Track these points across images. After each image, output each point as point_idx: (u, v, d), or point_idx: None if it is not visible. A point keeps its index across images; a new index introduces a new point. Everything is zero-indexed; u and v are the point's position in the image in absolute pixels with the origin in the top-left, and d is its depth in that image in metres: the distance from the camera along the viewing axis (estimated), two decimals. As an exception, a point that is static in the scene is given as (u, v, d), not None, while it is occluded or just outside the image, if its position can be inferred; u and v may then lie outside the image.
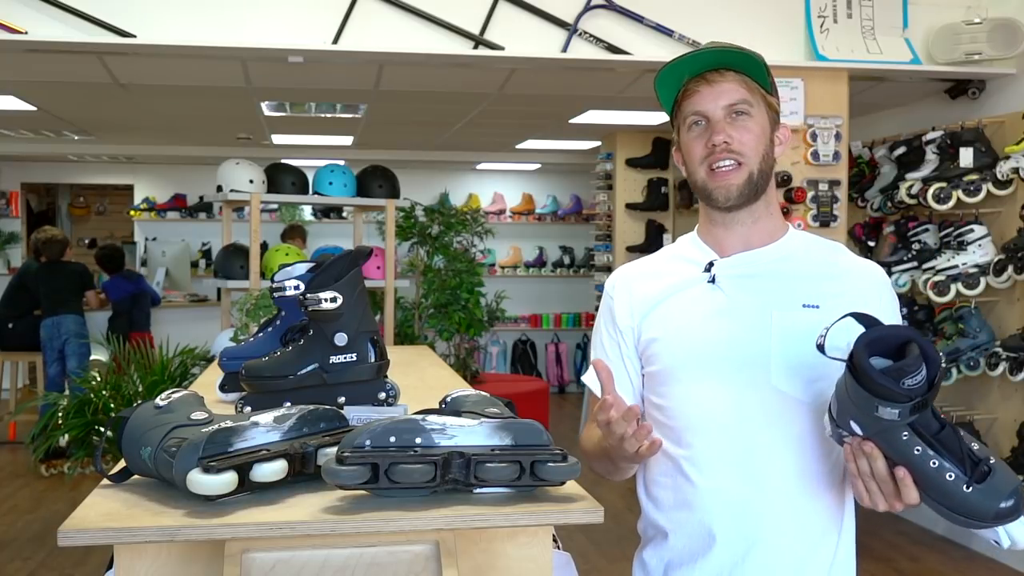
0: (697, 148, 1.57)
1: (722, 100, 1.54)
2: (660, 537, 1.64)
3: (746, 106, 1.55)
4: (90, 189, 12.18)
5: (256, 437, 1.32)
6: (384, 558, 1.24)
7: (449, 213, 7.04)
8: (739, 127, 1.54)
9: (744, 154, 1.54)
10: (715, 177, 1.55)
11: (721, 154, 1.54)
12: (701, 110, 1.55)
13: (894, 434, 1.30)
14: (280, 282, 1.98)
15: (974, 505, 1.29)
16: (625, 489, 1.76)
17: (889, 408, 1.27)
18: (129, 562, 1.24)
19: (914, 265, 4.86)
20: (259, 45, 4.19)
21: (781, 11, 4.52)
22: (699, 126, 1.56)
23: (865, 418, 1.30)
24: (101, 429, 3.91)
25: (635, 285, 1.68)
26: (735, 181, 1.55)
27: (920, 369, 1.26)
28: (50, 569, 4.61)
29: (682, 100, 1.58)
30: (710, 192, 1.57)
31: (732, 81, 1.55)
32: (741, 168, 1.55)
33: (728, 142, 1.53)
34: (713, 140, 1.54)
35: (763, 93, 1.58)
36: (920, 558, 4.88)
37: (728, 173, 1.54)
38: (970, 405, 4.89)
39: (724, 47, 1.56)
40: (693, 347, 1.57)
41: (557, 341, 10.47)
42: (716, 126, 1.54)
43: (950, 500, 1.30)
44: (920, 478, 1.31)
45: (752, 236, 1.60)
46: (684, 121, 1.58)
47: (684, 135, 1.59)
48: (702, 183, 1.58)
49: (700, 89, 1.55)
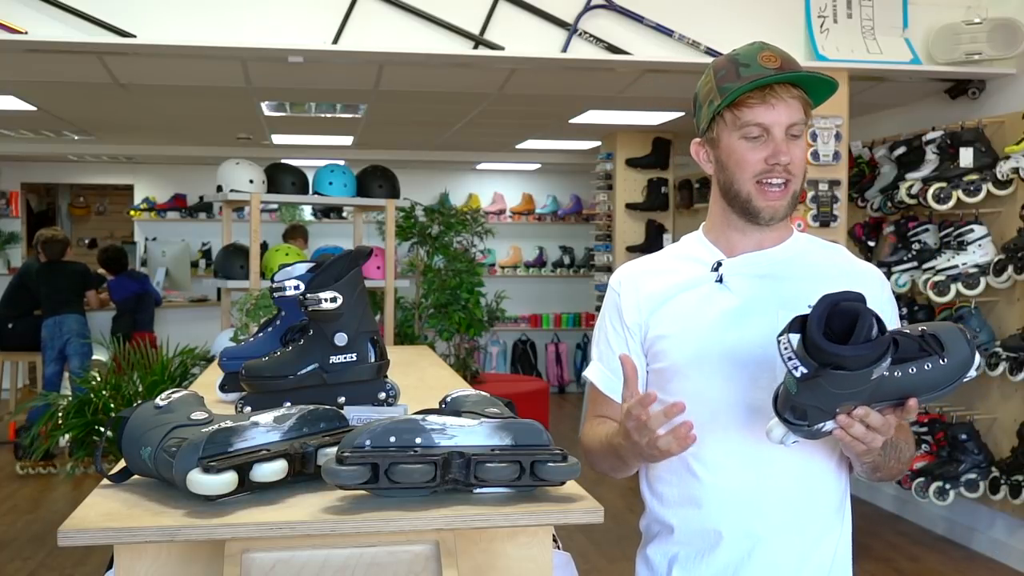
0: (752, 160, 1.56)
1: (785, 119, 1.55)
2: (665, 533, 1.65)
3: (800, 128, 1.57)
4: (90, 189, 12.18)
5: (256, 437, 1.32)
6: (384, 558, 1.24)
7: (449, 213, 7.04)
8: (794, 147, 1.56)
9: (795, 175, 1.57)
10: (765, 196, 1.57)
11: (780, 173, 1.55)
12: (765, 123, 1.54)
13: (884, 381, 1.34)
14: (280, 282, 1.98)
15: (956, 366, 1.38)
16: (625, 489, 1.76)
17: (882, 364, 1.31)
18: (129, 562, 1.24)
19: (914, 265, 4.86)
20: (259, 45, 4.18)
21: (781, 11, 4.52)
22: (758, 139, 1.56)
23: (859, 392, 1.33)
24: (101, 429, 3.91)
25: (642, 282, 1.69)
26: (783, 203, 1.58)
27: (868, 319, 1.30)
28: (50, 569, 4.61)
29: (740, 105, 1.55)
30: (757, 209, 1.58)
31: (798, 100, 1.56)
32: (787, 188, 1.57)
33: (788, 163, 1.55)
34: (779, 159, 1.54)
35: (810, 113, 1.60)
36: (920, 558, 4.88)
37: (778, 195, 1.57)
38: (970, 405, 4.89)
39: (795, 70, 1.55)
40: (701, 345, 1.58)
41: (557, 341, 10.47)
42: (780, 145, 1.55)
43: (941, 382, 1.38)
44: (913, 391, 1.37)
45: (764, 239, 1.63)
46: (740, 127, 1.56)
47: (735, 141, 1.57)
48: (747, 195, 1.58)
49: (770, 102, 1.54)
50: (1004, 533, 4.78)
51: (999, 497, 4.60)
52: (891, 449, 1.52)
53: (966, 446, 4.72)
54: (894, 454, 1.54)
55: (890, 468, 1.56)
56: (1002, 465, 4.62)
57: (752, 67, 1.54)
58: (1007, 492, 4.54)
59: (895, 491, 5.55)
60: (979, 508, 4.88)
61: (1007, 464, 4.59)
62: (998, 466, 4.65)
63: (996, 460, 4.70)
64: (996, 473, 4.63)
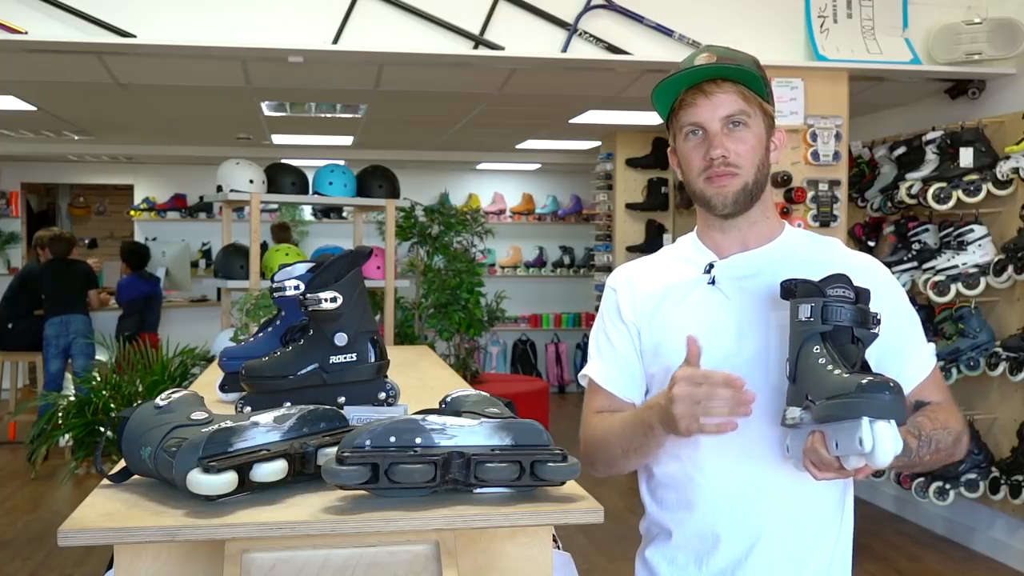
0: (695, 159, 1.58)
1: (719, 112, 1.55)
2: (663, 536, 1.66)
3: (743, 116, 1.56)
4: (90, 189, 12.18)
5: (256, 437, 1.32)
6: (384, 558, 1.24)
7: (449, 213, 7.04)
8: (735, 138, 1.55)
9: (741, 166, 1.56)
10: (712, 185, 1.57)
11: (719, 167, 1.55)
12: (698, 121, 1.56)
13: (808, 344, 1.39)
14: (280, 282, 1.98)
15: (844, 381, 1.30)
16: (625, 489, 1.76)
17: (804, 306, 1.40)
18: (129, 562, 1.24)
19: (914, 265, 4.86)
20: (259, 45, 4.18)
21: (781, 11, 4.52)
22: (696, 136, 1.57)
23: (794, 338, 1.42)
24: (101, 429, 3.91)
25: (637, 282, 1.69)
26: (731, 189, 1.56)
27: (847, 290, 1.41)
28: (50, 569, 4.61)
29: (679, 109, 1.59)
30: (708, 200, 1.59)
31: (729, 92, 1.55)
32: (737, 178, 1.56)
33: (725, 155, 1.54)
34: (711, 154, 1.55)
35: (760, 101, 1.58)
36: (920, 558, 4.88)
37: (724, 182, 1.56)
38: (970, 405, 4.89)
39: (720, 63, 1.55)
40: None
41: (557, 341, 10.47)
42: (714, 139, 1.55)
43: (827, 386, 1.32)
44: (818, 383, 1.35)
45: (749, 238, 1.63)
46: (681, 131, 1.59)
47: (681, 144, 1.61)
48: (700, 191, 1.59)
49: (697, 100, 1.55)
50: (1004, 533, 4.78)
51: (999, 497, 4.60)
52: (921, 447, 1.47)
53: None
54: (927, 449, 1.48)
55: (927, 462, 1.51)
56: (1002, 465, 4.62)
57: (687, 69, 1.56)
58: (1007, 492, 4.54)
59: (895, 491, 5.55)
60: (979, 508, 4.88)
61: (1007, 464, 4.59)
62: (998, 466, 4.65)
63: (996, 460, 4.70)
64: (996, 473, 4.63)
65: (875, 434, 1.26)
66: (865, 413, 1.26)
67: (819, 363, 1.36)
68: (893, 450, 1.26)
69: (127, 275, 7.98)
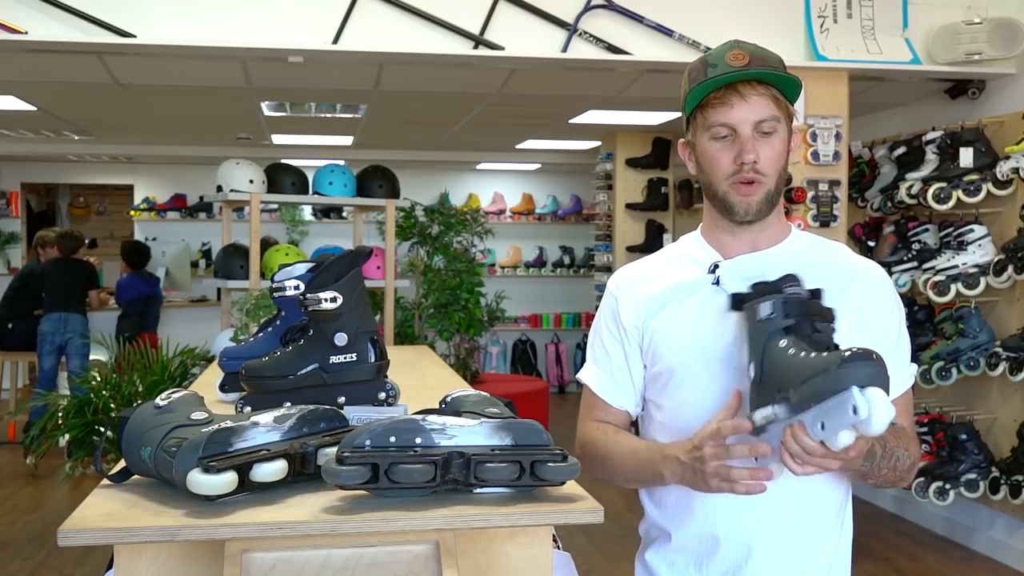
0: (723, 161, 1.55)
1: (752, 116, 1.52)
2: (663, 539, 1.66)
3: (774, 123, 1.53)
4: (90, 189, 12.18)
5: (256, 437, 1.32)
6: (384, 558, 1.24)
7: (449, 213, 7.04)
8: (765, 145, 1.53)
9: (767, 173, 1.54)
10: (737, 192, 1.55)
11: (748, 173, 1.53)
12: (730, 123, 1.52)
13: (773, 340, 1.38)
14: (280, 282, 1.98)
15: (824, 360, 1.28)
16: (625, 489, 1.76)
17: (765, 304, 1.39)
18: (129, 562, 1.24)
19: (914, 265, 4.85)
20: (259, 45, 4.18)
21: (781, 11, 4.52)
22: (726, 139, 1.54)
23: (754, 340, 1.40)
24: (101, 429, 3.90)
25: (639, 285, 1.68)
26: (756, 199, 1.55)
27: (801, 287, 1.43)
28: (50, 569, 4.61)
29: (708, 106, 1.54)
30: (731, 206, 1.56)
31: (764, 96, 1.52)
32: (762, 186, 1.54)
33: (756, 161, 1.52)
34: (743, 159, 1.52)
35: (788, 106, 1.56)
36: (920, 558, 4.88)
37: (751, 191, 1.54)
38: (970, 405, 4.89)
39: (752, 65, 1.51)
40: (698, 349, 1.58)
41: (557, 341, 10.47)
42: (746, 144, 1.52)
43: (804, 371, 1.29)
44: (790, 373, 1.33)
45: (760, 240, 1.62)
46: (708, 128, 1.55)
47: (706, 142, 1.56)
48: (723, 195, 1.57)
49: (732, 101, 1.51)
50: (1004, 533, 4.78)
51: (999, 497, 4.60)
52: (883, 458, 1.48)
53: (966, 446, 4.72)
54: (887, 463, 1.49)
55: (883, 476, 1.52)
56: (1002, 465, 4.62)
57: (719, 67, 1.52)
58: (1007, 492, 4.54)
59: (895, 491, 5.55)
60: (979, 508, 4.88)
61: (1007, 464, 4.59)
62: (998, 466, 4.65)
63: (996, 460, 4.70)
64: (996, 473, 4.63)
65: (868, 399, 1.23)
66: (854, 382, 1.24)
67: (789, 353, 1.34)
68: (887, 415, 1.23)
69: (127, 275, 7.98)
